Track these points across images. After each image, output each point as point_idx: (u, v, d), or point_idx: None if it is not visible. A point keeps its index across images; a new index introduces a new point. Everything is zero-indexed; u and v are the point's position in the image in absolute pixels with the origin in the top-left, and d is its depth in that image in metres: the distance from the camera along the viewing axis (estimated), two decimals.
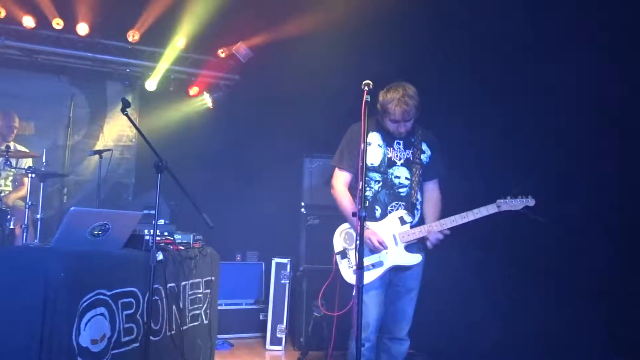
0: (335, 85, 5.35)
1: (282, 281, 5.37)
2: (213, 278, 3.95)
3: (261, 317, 5.69)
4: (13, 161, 5.12)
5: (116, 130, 6.80)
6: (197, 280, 3.69)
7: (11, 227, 5.00)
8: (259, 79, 6.66)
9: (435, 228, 3.24)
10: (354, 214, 2.65)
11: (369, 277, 3.18)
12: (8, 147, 4.85)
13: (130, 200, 6.73)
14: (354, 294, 3.21)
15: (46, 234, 5.28)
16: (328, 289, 3.43)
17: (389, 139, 3.40)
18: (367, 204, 3.20)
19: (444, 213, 3.40)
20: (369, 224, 3.19)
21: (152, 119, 6.77)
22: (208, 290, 3.86)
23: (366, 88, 2.80)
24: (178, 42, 6.38)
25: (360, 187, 2.70)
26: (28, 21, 5.91)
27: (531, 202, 3.23)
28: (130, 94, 6.81)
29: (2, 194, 5.02)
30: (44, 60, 6.40)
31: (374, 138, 3.37)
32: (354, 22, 5.20)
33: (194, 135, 6.78)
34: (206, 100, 7.04)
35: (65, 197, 6.21)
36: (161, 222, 3.77)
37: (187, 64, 6.78)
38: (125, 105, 3.22)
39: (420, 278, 3.40)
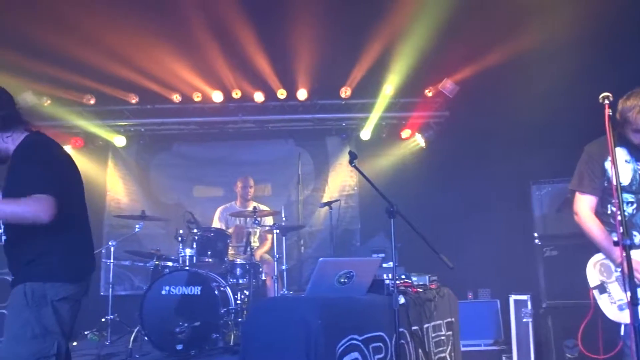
0: (553, 106, 4.99)
1: (524, 319, 5.00)
2: (453, 319, 3.87)
3: (504, 359, 5.35)
4: (259, 219, 5.79)
5: (339, 181, 7.26)
6: (438, 322, 3.64)
7: (263, 278, 5.64)
8: (469, 111, 6.54)
9: None
10: (616, 243, 2.35)
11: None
12: (255, 207, 5.53)
13: (358, 246, 7.05)
14: (622, 333, 2.83)
15: (291, 283, 5.82)
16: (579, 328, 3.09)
17: (637, 154, 3.00)
18: (621, 230, 2.84)
19: None
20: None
21: (369, 166, 7.07)
22: (450, 332, 3.79)
23: (606, 101, 2.53)
24: (386, 90, 6.66)
25: (609, 212, 2.40)
26: (258, 96, 6.81)
27: None
28: (348, 146, 7.25)
29: (253, 250, 5.69)
30: (273, 128, 7.28)
31: (620, 154, 3.01)
32: (562, 41, 4.87)
33: (411, 176, 6.90)
34: (418, 141, 7.14)
35: (302, 247, 6.79)
36: (389, 264, 3.86)
37: (396, 109, 7.00)
38: (353, 157, 3.47)
39: None
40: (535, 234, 4.98)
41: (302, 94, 6.80)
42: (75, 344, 5.26)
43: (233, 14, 5.41)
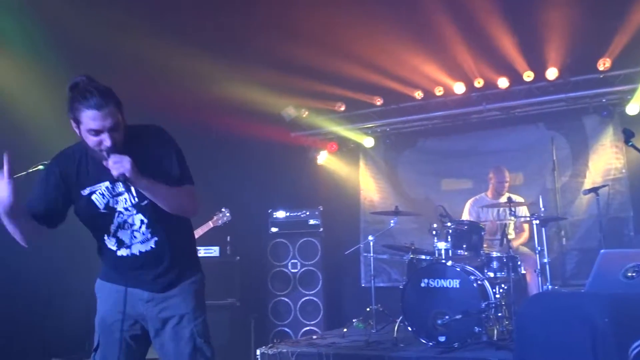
0: None
1: None
2: None
3: None
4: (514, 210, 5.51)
5: (602, 165, 6.48)
6: None
7: (522, 272, 5.35)
8: None
9: None
10: None
11: None
12: (509, 198, 5.30)
13: (632, 235, 6.21)
14: None
15: (554, 277, 5.41)
16: None
17: None
18: None
19: None
20: None
21: None
22: None
23: None
24: None
25: None
26: (502, 82, 6.52)
27: None
28: (610, 124, 6.45)
29: (510, 241, 5.44)
30: (519, 113, 6.88)
31: None
32: None
33: None
34: None
35: (563, 239, 6.26)
36: None
37: None
38: (629, 136, 3.10)
39: None
40: None
41: (551, 73, 6.26)
42: (345, 330, 5.75)
43: None
